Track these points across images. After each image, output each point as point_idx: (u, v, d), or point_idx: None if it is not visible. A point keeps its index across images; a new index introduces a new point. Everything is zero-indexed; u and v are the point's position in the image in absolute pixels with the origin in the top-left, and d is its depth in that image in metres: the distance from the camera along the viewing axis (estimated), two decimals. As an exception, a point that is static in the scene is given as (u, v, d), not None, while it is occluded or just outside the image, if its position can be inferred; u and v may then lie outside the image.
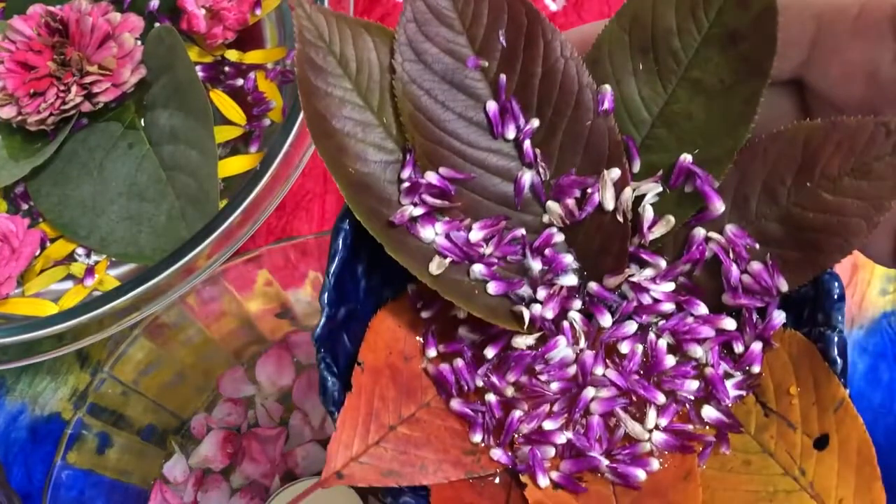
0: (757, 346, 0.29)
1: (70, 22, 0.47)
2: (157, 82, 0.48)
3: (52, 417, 0.52)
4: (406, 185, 0.29)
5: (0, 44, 0.47)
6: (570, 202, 0.30)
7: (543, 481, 0.28)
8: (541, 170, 0.31)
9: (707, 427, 0.29)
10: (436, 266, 0.29)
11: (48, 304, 0.47)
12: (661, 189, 0.30)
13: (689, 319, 0.30)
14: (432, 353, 0.30)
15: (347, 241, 0.30)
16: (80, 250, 0.48)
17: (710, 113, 0.29)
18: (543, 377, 0.30)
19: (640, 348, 0.30)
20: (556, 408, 0.29)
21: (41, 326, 0.43)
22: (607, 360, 0.30)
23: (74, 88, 0.47)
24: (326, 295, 0.29)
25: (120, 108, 0.49)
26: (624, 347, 0.30)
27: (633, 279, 0.30)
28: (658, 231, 0.30)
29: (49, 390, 0.52)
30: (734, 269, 0.29)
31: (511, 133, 0.30)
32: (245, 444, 0.47)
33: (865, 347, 0.51)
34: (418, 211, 0.29)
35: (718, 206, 0.29)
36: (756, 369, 0.29)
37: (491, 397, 0.29)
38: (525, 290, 0.30)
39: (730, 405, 0.29)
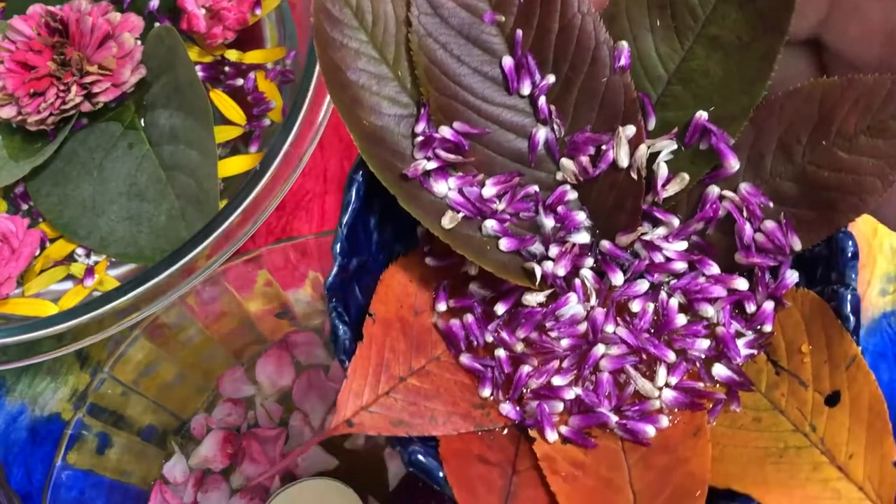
0: (769, 306, 0.29)
1: (70, 22, 0.47)
2: (157, 82, 0.48)
3: (52, 418, 0.52)
4: (420, 139, 0.29)
5: (0, 44, 0.47)
6: (585, 159, 0.30)
7: (552, 436, 0.28)
8: (555, 126, 0.30)
9: (717, 385, 0.29)
10: (448, 220, 0.29)
11: (48, 305, 0.47)
12: (675, 146, 0.30)
13: (701, 279, 0.30)
14: (442, 307, 0.30)
15: (360, 192, 0.30)
16: (79, 250, 0.48)
17: (726, 70, 0.29)
18: (553, 334, 0.29)
19: (651, 307, 0.30)
20: (565, 364, 0.29)
21: (41, 327, 0.43)
22: (618, 319, 0.30)
23: (74, 88, 0.46)
24: (339, 245, 0.29)
25: (120, 108, 0.49)
26: (635, 306, 0.30)
27: (646, 237, 0.30)
28: (672, 189, 0.30)
29: (49, 391, 0.52)
30: (748, 228, 0.29)
31: (526, 89, 0.30)
32: (245, 445, 0.47)
33: (866, 347, 0.51)
34: (431, 165, 0.29)
35: (733, 164, 0.29)
36: (768, 328, 0.29)
37: (500, 353, 0.29)
38: (537, 248, 0.30)
39: (741, 364, 0.29)
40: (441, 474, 0.27)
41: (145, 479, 0.48)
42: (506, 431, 0.29)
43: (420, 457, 0.27)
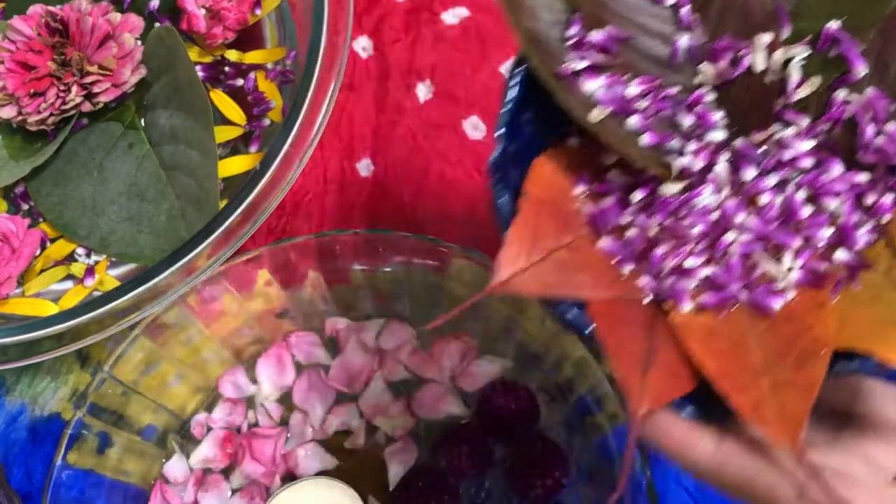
0: (888, 198, 0.32)
1: (70, 22, 0.47)
2: (157, 82, 0.48)
3: (52, 417, 0.52)
4: (573, 41, 0.32)
5: (0, 44, 0.47)
6: (723, 64, 0.33)
7: (687, 307, 0.32)
8: (697, 34, 0.34)
9: (839, 268, 0.32)
10: (596, 114, 0.32)
11: (48, 304, 0.47)
12: (808, 53, 0.33)
13: (826, 176, 0.33)
14: (584, 191, 0.33)
15: (523, 83, 0.33)
16: (80, 250, 0.48)
17: None
18: (687, 220, 0.32)
19: (778, 199, 0.33)
20: (697, 248, 0.32)
21: (41, 326, 0.43)
22: (748, 209, 0.33)
23: (75, 88, 0.46)
24: (503, 129, 0.33)
25: (120, 108, 0.49)
26: (764, 198, 0.33)
27: (777, 136, 0.33)
28: (803, 92, 0.33)
29: (49, 390, 0.52)
30: (870, 129, 0.32)
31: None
32: (245, 444, 0.47)
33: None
34: (582, 64, 0.32)
35: (860, 70, 0.32)
36: (886, 219, 0.32)
37: (632, 233, 0.32)
38: (675, 143, 0.33)
39: (860, 248, 0.32)
40: (591, 328, 0.31)
41: (145, 479, 0.48)
42: (640, 305, 0.32)
43: (570, 315, 0.31)
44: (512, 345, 0.48)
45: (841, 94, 0.33)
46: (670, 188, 0.32)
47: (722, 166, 0.33)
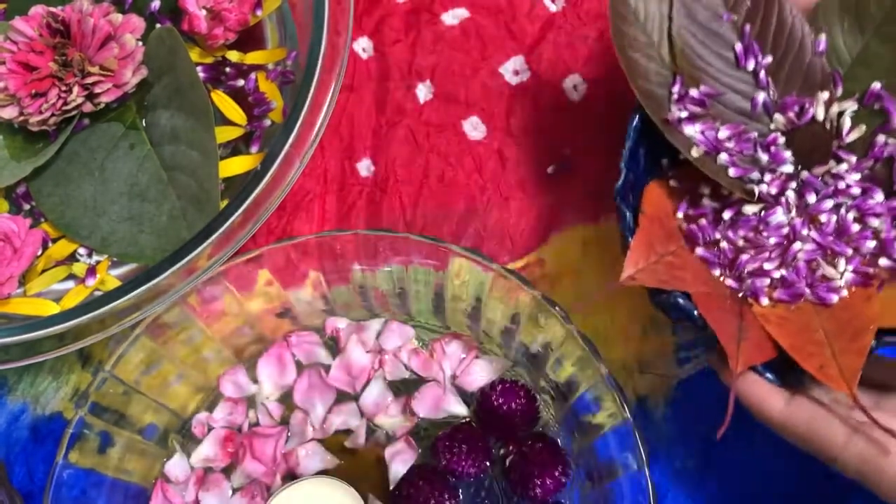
0: None
1: (72, 23, 0.48)
2: (158, 83, 0.48)
3: (54, 417, 0.52)
4: (676, 96, 0.44)
5: (2, 44, 0.48)
6: (791, 114, 0.45)
7: (764, 300, 0.43)
8: (771, 92, 0.45)
9: (883, 271, 0.43)
10: (696, 152, 0.43)
11: (50, 304, 0.47)
12: (856, 107, 0.44)
13: (870, 201, 0.43)
14: (681, 214, 0.45)
15: (638, 128, 0.44)
16: (81, 250, 0.48)
17: (895, 55, 0.43)
18: (764, 234, 0.44)
19: (834, 218, 0.44)
20: (772, 255, 0.43)
21: (43, 326, 0.43)
22: (810, 226, 0.44)
23: (76, 89, 0.47)
24: (625, 162, 0.44)
25: (121, 108, 0.49)
26: (823, 218, 0.44)
27: (833, 170, 0.44)
28: (853, 136, 0.44)
29: (51, 389, 0.52)
30: None
31: (751, 66, 0.45)
32: (246, 444, 0.48)
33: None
34: (684, 114, 0.44)
35: None
36: None
37: (724, 244, 0.43)
38: (755, 175, 0.44)
39: None
40: (696, 312, 0.41)
41: (147, 478, 0.48)
42: (729, 298, 0.43)
43: (680, 300, 0.42)
44: (512, 345, 0.48)
45: (881, 138, 0.44)
46: (751, 208, 0.44)
47: (791, 193, 0.44)
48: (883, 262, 0.43)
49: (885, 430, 0.37)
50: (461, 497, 0.47)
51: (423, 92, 0.54)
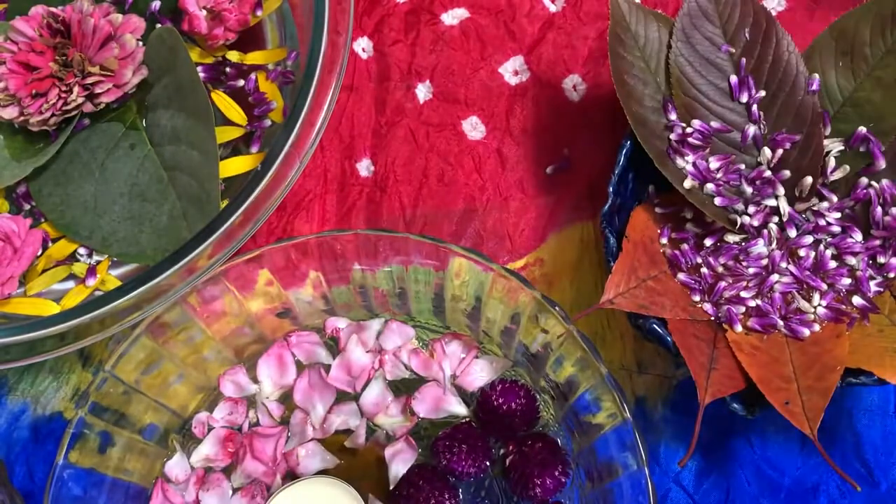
0: (894, 261, 0.44)
1: (72, 23, 0.48)
2: (158, 83, 0.48)
3: (54, 416, 0.52)
4: (670, 124, 0.45)
5: (2, 45, 0.48)
6: (780, 150, 0.46)
7: (738, 328, 0.44)
8: (762, 126, 0.46)
9: (854, 309, 0.44)
10: (687, 183, 0.45)
11: (50, 304, 0.47)
12: (842, 147, 0.46)
13: (849, 239, 0.45)
14: (665, 239, 0.46)
15: (628, 154, 0.46)
16: (81, 250, 0.48)
17: (884, 100, 0.45)
18: (744, 263, 0.45)
19: (812, 253, 0.45)
20: (749, 284, 0.45)
21: (43, 326, 0.43)
22: (789, 259, 0.45)
23: (76, 89, 0.47)
24: (612, 187, 0.45)
25: (121, 108, 0.49)
26: (802, 252, 0.45)
27: (815, 207, 0.46)
28: (836, 175, 0.46)
29: (51, 389, 0.52)
30: (878, 210, 0.45)
31: (744, 98, 0.46)
32: (246, 443, 0.48)
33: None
34: (676, 145, 0.45)
35: (881, 164, 0.45)
36: (892, 275, 0.44)
37: (704, 271, 0.45)
38: (739, 206, 0.45)
39: (871, 296, 0.44)
40: (669, 339, 0.43)
41: (147, 478, 0.48)
42: (705, 324, 0.44)
43: (656, 327, 0.43)
44: (512, 345, 0.48)
45: (864, 180, 0.45)
46: (733, 237, 0.45)
47: (773, 226, 0.45)
48: (856, 300, 0.44)
49: (841, 474, 0.40)
50: (461, 497, 0.47)
51: (423, 92, 0.55)
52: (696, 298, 0.45)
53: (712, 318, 0.45)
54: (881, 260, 0.45)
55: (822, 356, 0.43)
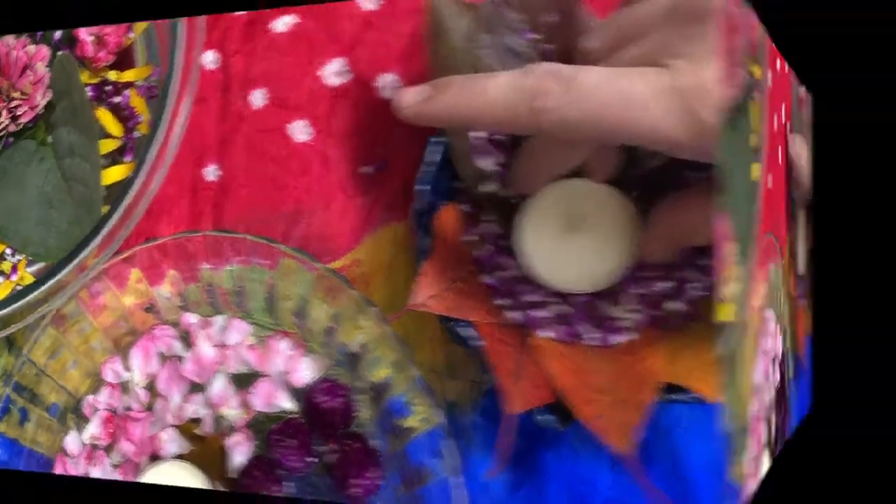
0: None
1: (2, 55, 0.56)
2: (59, 104, 0.55)
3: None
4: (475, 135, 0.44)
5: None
6: None
7: (540, 334, 0.42)
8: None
9: (672, 315, 0.40)
10: (488, 186, 0.43)
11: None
12: None
13: None
14: (471, 238, 0.44)
15: (442, 151, 0.45)
16: (8, 250, 0.56)
17: None
18: None
19: None
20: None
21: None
22: None
23: (4, 112, 0.55)
24: (420, 184, 0.45)
25: (35, 127, 0.56)
26: None
27: None
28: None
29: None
30: None
31: None
32: (121, 425, 0.53)
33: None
34: (477, 142, 0.43)
35: None
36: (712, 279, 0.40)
37: (505, 273, 0.43)
38: None
39: (692, 300, 0.40)
40: (477, 343, 0.42)
41: (51, 450, 0.55)
42: (516, 327, 0.42)
43: (459, 330, 0.43)
44: (333, 344, 0.48)
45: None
46: None
47: None
48: (674, 305, 0.40)
49: (656, 494, 0.39)
50: (294, 490, 0.48)
51: (259, 98, 0.56)
52: (500, 302, 0.42)
53: (515, 323, 0.42)
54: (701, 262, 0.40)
55: (635, 365, 0.40)
